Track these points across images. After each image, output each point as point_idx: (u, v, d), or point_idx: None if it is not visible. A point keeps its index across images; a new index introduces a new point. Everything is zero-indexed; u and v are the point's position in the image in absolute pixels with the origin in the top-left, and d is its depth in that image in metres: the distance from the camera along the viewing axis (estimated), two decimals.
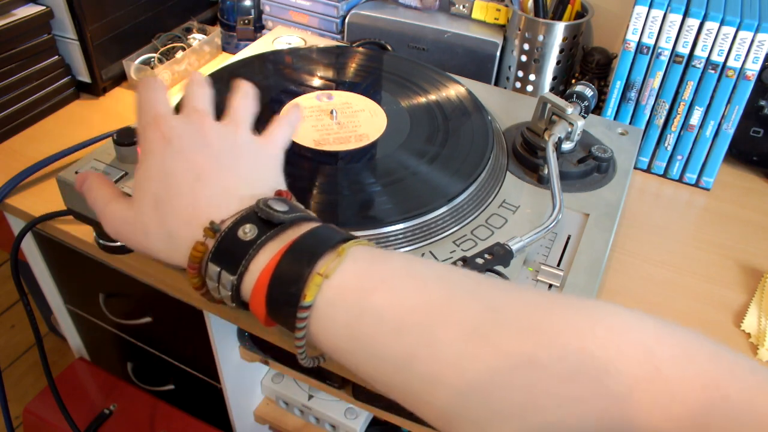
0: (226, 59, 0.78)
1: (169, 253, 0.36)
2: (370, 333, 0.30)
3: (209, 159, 0.37)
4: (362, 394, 0.69)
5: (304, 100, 0.63)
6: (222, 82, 0.66)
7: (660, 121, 0.69)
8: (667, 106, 0.67)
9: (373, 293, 0.30)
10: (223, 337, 0.66)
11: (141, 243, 0.37)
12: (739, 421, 0.24)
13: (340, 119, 0.61)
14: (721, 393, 0.25)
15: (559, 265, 0.50)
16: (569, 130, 0.57)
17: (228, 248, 0.33)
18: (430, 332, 0.28)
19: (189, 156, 0.36)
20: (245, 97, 0.43)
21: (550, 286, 0.48)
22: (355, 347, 0.30)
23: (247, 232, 0.33)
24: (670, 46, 0.64)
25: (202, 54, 0.82)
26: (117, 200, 0.38)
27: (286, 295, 0.31)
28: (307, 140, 0.58)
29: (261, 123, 0.60)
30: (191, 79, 0.43)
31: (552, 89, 0.78)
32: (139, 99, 0.40)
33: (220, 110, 0.63)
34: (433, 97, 0.65)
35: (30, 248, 0.72)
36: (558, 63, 0.75)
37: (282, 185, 0.40)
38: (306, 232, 0.33)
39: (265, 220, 0.34)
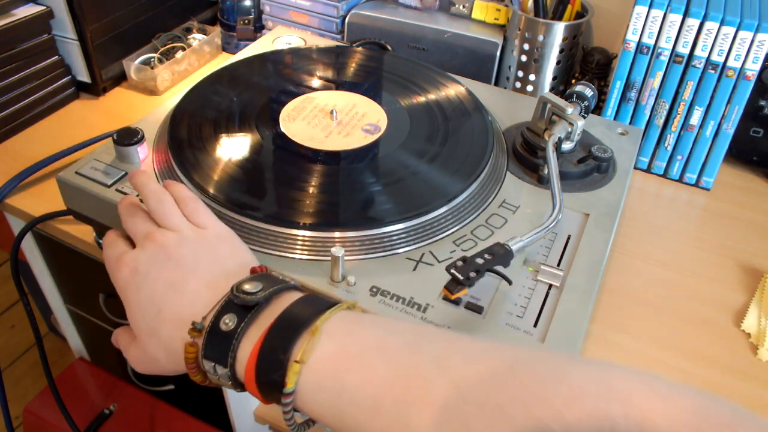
0: (226, 59, 0.78)
1: (177, 366, 0.38)
2: (350, 412, 0.31)
3: (175, 269, 0.39)
4: None
5: (320, 96, 0.63)
6: (222, 82, 0.66)
7: (660, 121, 0.69)
8: (667, 106, 0.67)
9: (347, 373, 0.32)
10: None
11: (160, 369, 0.39)
12: None
13: (341, 119, 0.61)
14: None
15: (559, 265, 0.50)
16: (569, 130, 0.57)
17: (214, 343, 0.35)
18: (403, 413, 0.30)
19: (157, 275, 0.39)
20: (179, 195, 0.45)
21: (551, 286, 0.48)
22: (340, 425, 0.32)
23: (228, 322, 0.35)
24: (670, 46, 0.64)
25: (202, 54, 0.82)
26: (132, 345, 0.41)
27: (271, 382, 0.33)
28: (308, 140, 0.58)
29: (261, 123, 0.60)
30: (123, 206, 0.45)
31: (552, 89, 0.78)
32: (105, 246, 0.43)
33: (220, 110, 0.63)
34: (433, 97, 0.65)
35: (30, 248, 0.72)
36: (558, 63, 0.75)
37: (252, 260, 0.42)
38: (281, 314, 0.34)
39: (241, 305, 0.36)
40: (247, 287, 0.36)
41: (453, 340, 0.32)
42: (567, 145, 0.59)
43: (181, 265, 0.39)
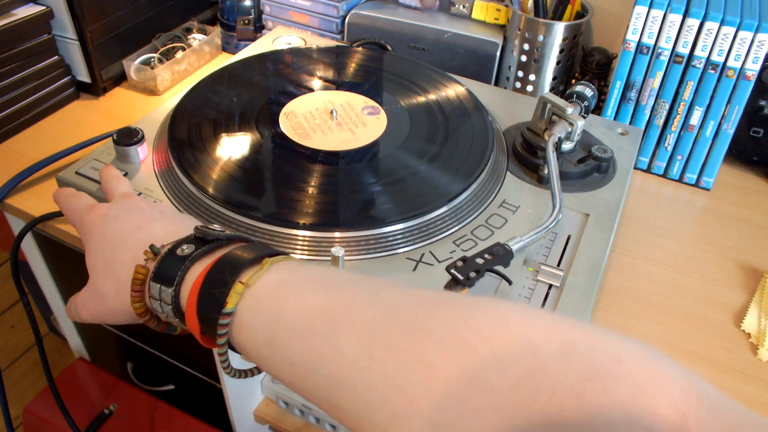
0: (226, 59, 0.78)
1: (123, 299, 0.38)
2: (283, 336, 0.31)
3: (144, 216, 0.41)
4: None
5: (306, 100, 0.63)
6: (222, 82, 0.66)
7: (660, 121, 0.69)
8: (667, 106, 0.67)
9: (286, 299, 0.32)
10: None
11: (106, 309, 0.39)
12: (619, 419, 0.24)
13: (341, 119, 0.61)
14: (604, 386, 0.24)
15: (559, 265, 0.50)
16: (569, 130, 0.57)
17: (167, 265, 0.36)
18: (332, 334, 0.30)
19: (126, 218, 0.41)
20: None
21: (551, 286, 0.48)
22: (272, 352, 0.32)
23: (185, 249, 0.36)
24: (670, 46, 0.64)
25: (202, 54, 0.82)
26: (81, 292, 0.41)
27: (211, 301, 0.33)
28: (308, 140, 0.58)
29: (261, 123, 0.60)
30: (105, 175, 0.49)
31: (552, 89, 0.78)
32: (66, 203, 0.46)
33: (219, 109, 0.63)
34: (433, 97, 0.65)
35: (30, 248, 0.72)
36: (558, 63, 0.75)
37: None
38: (236, 246, 0.36)
39: (201, 238, 0.36)
40: (211, 226, 0.37)
41: (395, 282, 0.33)
42: (567, 145, 0.59)
43: (151, 214, 0.41)
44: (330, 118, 0.61)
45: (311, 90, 0.65)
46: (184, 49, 0.79)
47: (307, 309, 0.31)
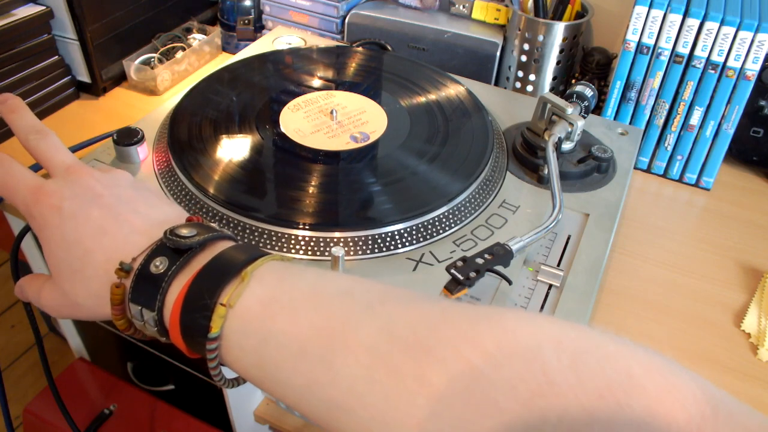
0: (226, 59, 0.78)
1: (100, 310, 0.35)
2: (275, 359, 0.30)
3: (105, 210, 0.36)
4: None
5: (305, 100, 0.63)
6: (222, 82, 0.66)
7: (660, 121, 0.69)
8: (667, 106, 0.67)
9: (275, 318, 0.30)
10: None
11: (80, 313, 0.36)
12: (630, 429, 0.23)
13: (341, 119, 0.61)
14: (617, 402, 0.24)
15: (559, 265, 0.50)
16: (569, 130, 0.57)
17: (143, 286, 0.33)
18: (328, 357, 0.28)
19: (85, 214, 0.36)
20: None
21: (551, 286, 0.48)
22: (263, 374, 0.30)
23: (158, 265, 0.33)
24: (670, 46, 0.64)
25: (202, 54, 0.82)
26: (44, 287, 0.37)
27: (195, 327, 0.31)
28: (308, 140, 0.58)
29: (261, 123, 0.60)
30: (33, 132, 0.41)
31: (552, 89, 0.78)
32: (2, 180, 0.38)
33: (219, 110, 0.63)
34: (433, 97, 0.65)
35: (30, 248, 0.72)
36: (558, 63, 0.75)
37: (185, 212, 0.39)
38: (212, 258, 0.32)
39: (174, 249, 0.33)
40: (182, 231, 0.34)
41: (388, 290, 0.31)
42: (567, 145, 0.59)
43: (113, 207, 0.36)
44: (330, 118, 0.61)
45: (311, 90, 0.65)
46: (184, 49, 0.79)
47: (298, 330, 0.29)
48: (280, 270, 0.32)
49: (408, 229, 0.50)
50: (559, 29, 0.73)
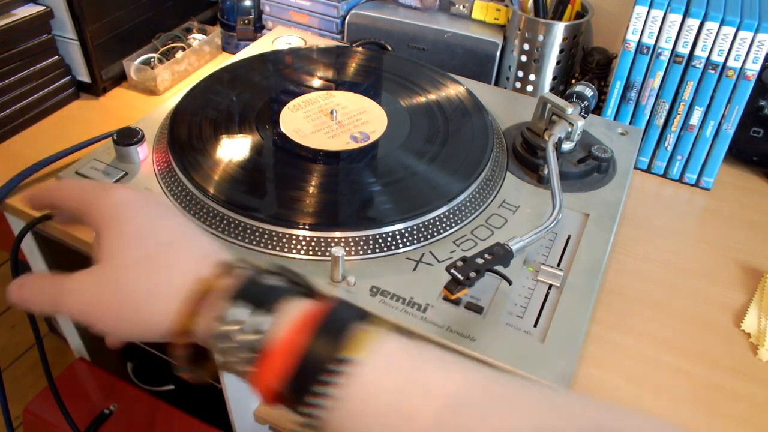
0: (226, 59, 0.78)
1: (157, 309, 0.32)
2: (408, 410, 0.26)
3: (174, 230, 0.34)
4: None
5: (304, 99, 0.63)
6: (222, 82, 0.66)
7: (660, 121, 0.69)
8: (667, 106, 0.67)
9: (411, 371, 0.28)
10: None
11: (123, 310, 0.32)
12: None
13: (341, 119, 0.61)
14: None
15: (559, 265, 0.50)
16: (569, 130, 0.57)
17: (256, 288, 0.30)
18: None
19: (159, 212, 0.34)
20: None
21: (551, 286, 0.48)
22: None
23: (268, 278, 0.30)
24: (670, 46, 0.64)
25: (202, 54, 0.82)
26: (74, 276, 0.33)
27: (327, 342, 0.28)
28: (308, 140, 0.58)
29: (261, 123, 0.60)
30: (75, 185, 0.37)
31: (552, 89, 0.78)
32: (70, 185, 0.37)
33: (219, 110, 0.63)
34: (433, 97, 0.65)
35: (30, 248, 0.72)
36: (558, 63, 0.75)
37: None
38: (335, 305, 0.29)
39: (281, 275, 0.31)
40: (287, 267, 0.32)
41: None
42: (567, 145, 0.59)
43: (181, 228, 0.34)
44: (330, 118, 0.61)
45: (311, 90, 0.65)
46: (184, 49, 0.79)
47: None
48: (396, 341, 0.30)
49: (408, 229, 0.50)
50: (559, 29, 0.73)
